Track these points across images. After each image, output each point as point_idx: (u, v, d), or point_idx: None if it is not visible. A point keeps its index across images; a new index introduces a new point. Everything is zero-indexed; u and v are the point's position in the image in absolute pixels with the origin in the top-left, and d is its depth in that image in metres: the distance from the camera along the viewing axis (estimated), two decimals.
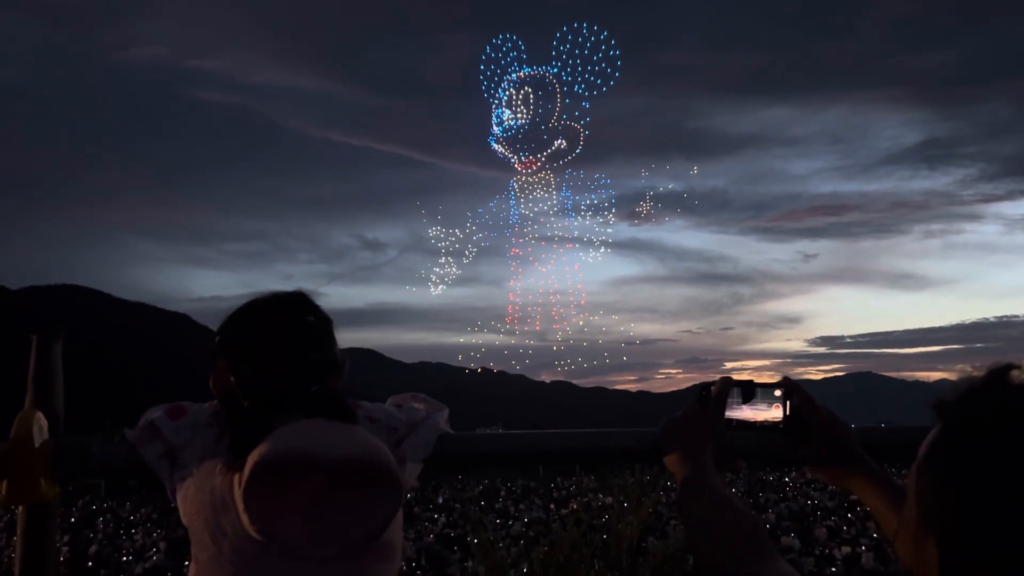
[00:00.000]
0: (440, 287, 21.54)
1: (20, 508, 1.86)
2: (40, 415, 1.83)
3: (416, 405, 1.92)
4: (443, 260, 21.42)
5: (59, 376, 1.96)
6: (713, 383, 1.71)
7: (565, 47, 20.32)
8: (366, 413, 1.79)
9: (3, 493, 1.75)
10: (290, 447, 1.42)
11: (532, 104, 20.81)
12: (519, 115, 20.79)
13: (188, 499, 1.61)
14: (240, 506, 1.45)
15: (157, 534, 26.70)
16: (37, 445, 1.77)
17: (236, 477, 1.50)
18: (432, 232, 21.66)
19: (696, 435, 1.60)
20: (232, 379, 1.71)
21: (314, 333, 1.76)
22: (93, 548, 22.45)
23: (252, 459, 1.42)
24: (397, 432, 1.80)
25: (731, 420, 1.71)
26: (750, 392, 1.74)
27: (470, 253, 21.28)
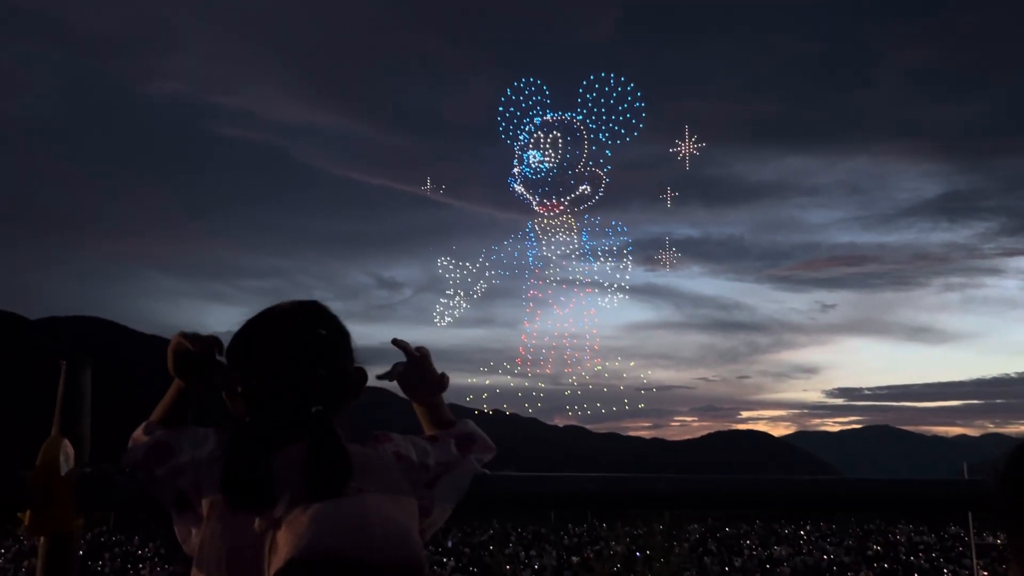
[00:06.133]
0: (447, 320, 21.34)
1: (42, 538, 1.81)
2: (67, 443, 1.79)
3: (452, 446, 1.85)
4: (451, 292, 21.27)
5: (87, 403, 1.92)
6: None
7: (591, 95, 20.41)
8: (395, 448, 1.73)
9: (27, 523, 1.70)
10: (327, 546, 1.37)
11: (560, 148, 20.91)
12: (548, 158, 20.90)
13: (205, 544, 1.54)
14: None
15: (164, 569, 26.47)
16: (63, 474, 1.73)
17: (269, 537, 1.45)
18: (441, 262, 21.52)
19: None
20: (239, 390, 1.66)
21: (324, 347, 1.69)
22: None
23: (287, 550, 1.38)
24: (428, 471, 1.74)
25: None
26: None
27: (480, 288, 21.15)
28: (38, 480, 1.69)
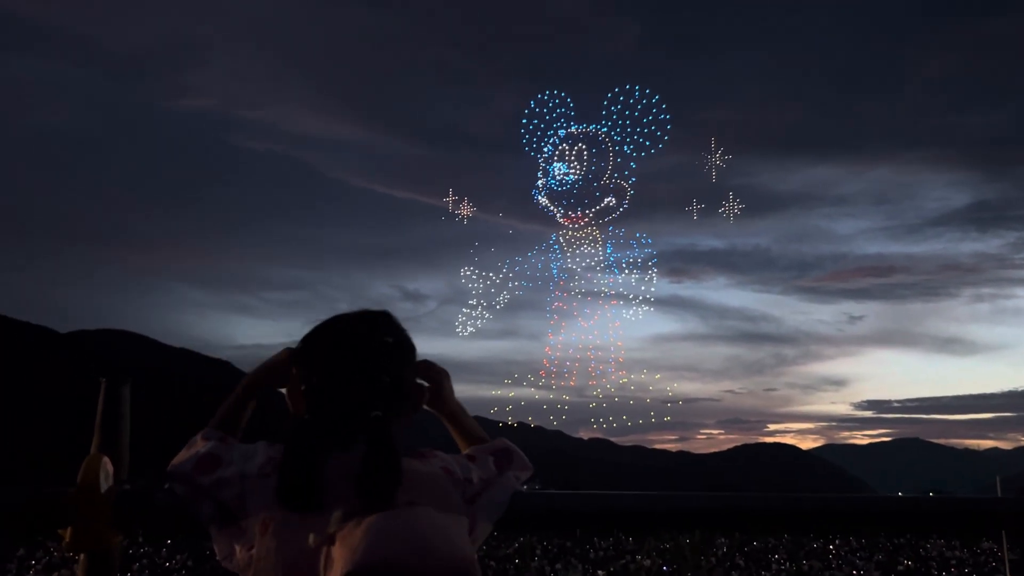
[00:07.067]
0: (469, 330, 21.29)
1: (81, 556, 1.83)
2: (107, 460, 1.81)
3: (490, 463, 1.86)
4: (473, 302, 21.22)
5: (127, 420, 1.94)
6: None
7: (616, 107, 20.41)
8: (443, 464, 1.74)
9: (67, 540, 1.72)
10: (382, 557, 1.35)
11: (586, 160, 20.95)
12: (573, 170, 20.94)
13: (260, 562, 1.53)
14: None
15: None
16: (103, 491, 1.75)
17: (324, 552, 1.45)
18: (464, 272, 21.51)
19: None
20: (302, 388, 1.70)
21: (389, 355, 1.71)
22: None
23: (343, 564, 1.36)
24: (472, 486, 1.75)
25: None
26: None
27: (504, 299, 21.10)
28: (79, 498, 1.71)
